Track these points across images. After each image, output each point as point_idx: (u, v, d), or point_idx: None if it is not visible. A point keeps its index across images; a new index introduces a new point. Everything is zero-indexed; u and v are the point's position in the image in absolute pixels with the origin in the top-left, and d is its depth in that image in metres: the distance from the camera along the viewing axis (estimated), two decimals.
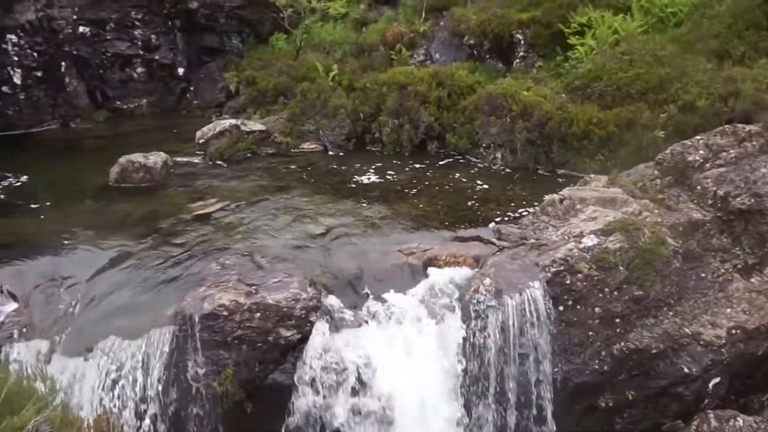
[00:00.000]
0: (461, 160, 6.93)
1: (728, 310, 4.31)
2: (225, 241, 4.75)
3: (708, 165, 4.87)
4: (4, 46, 8.18)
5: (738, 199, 4.58)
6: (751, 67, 5.97)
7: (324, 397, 3.88)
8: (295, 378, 3.91)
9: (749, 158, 4.81)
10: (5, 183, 6.24)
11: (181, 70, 9.52)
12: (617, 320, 4.30)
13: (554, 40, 7.69)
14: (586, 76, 6.72)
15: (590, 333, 4.29)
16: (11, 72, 8.32)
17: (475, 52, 8.40)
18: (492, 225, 4.96)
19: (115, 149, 6.89)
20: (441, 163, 6.85)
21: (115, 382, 3.68)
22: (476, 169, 6.65)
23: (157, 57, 9.26)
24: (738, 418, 4.07)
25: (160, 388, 3.73)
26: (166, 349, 3.76)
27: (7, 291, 4.10)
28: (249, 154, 7.02)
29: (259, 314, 3.88)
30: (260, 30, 9.78)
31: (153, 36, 9.16)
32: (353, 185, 6.16)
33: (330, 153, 7.21)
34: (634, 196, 4.85)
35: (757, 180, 4.58)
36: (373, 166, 6.66)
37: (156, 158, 6.29)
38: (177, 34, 9.41)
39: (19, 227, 5.17)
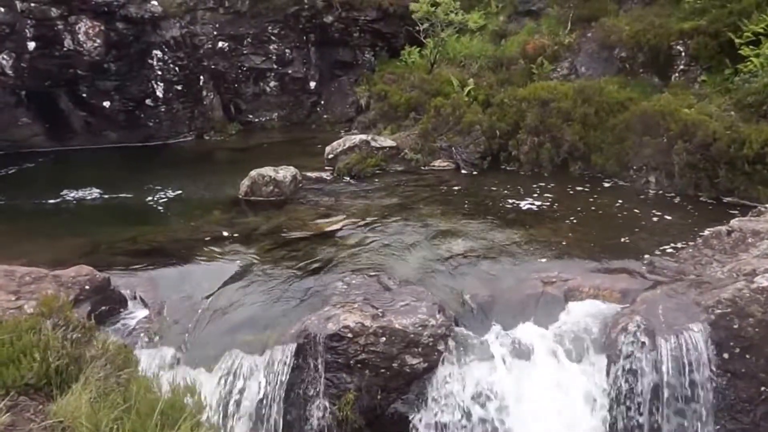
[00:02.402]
0: (608, 184, 6.88)
1: None
2: (351, 260, 5.04)
3: None
4: (150, 61, 9.55)
5: None
6: None
7: None
8: (419, 411, 4.02)
9: None
10: (150, 194, 7.12)
11: (312, 84, 10.43)
12: None
13: (722, 51, 7.44)
14: (761, 92, 6.43)
15: (762, 388, 4.07)
16: (155, 86, 9.66)
17: (627, 66, 8.32)
18: (646, 257, 4.87)
19: (245, 162, 7.66)
20: (585, 185, 6.85)
21: (235, 396, 3.93)
22: (625, 193, 6.56)
23: (289, 71, 10.26)
24: None
25: (279, 407, 3.93)
26: (288, 368, 3.97)
27: (140, 297, 4.57)
28: (378, 171, 7.47)
29: (384, 338, 4.03)
30: (394, 44, 10.44)
31: (287, 50, 10.16)
32: (487, 206, 6.34)
33: (463, 171, 7.47)
34: None
35: None
36: (509, 187, 6.82)
37: (285, 172, 6.90)
38: (311, 49, 10.37)
39: (153, 235, 5.82)
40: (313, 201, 6.71)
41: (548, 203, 6.32)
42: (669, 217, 5.86)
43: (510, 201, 6.46)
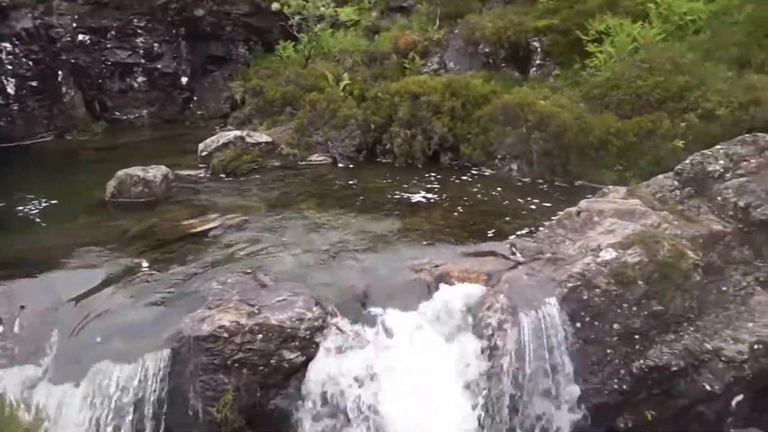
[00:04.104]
0: (475, 172, 7.26)
1: (750, 324, 4.55)
2: (227, 259, 4.95)
3: (728, 175, 5.15)
4: None
5: (759, 209, 4.85)
6: None
7: (329, 423, 4.01)
8: (299, 403, 4.06)
9: None
10: (4, 199, 6.53)
11: (184, 80, 10.01)
12: (636, 337, 4.51)
13: (572, 48, 8.08)
14: (604, 85, 7.07)
15: (608, 350, 4.50)
16: (5, 82, 8.80)
17: (491, 61, 8.79)
18: (509, 240, 5.19)
19: (113, 162, 7.24)
20: (454, 175, 7.18)
21: (106, 408, 3.74)
22: (491, 181, 6.96)
23: (159, 66, 9.76)
24: None
25: (155, 414, 3.81)
26: (162, 373, 3.85)
27: None
28: (254, 167, 7.36)
29: (261, 335, 4.02)
30: (268, 38, 10.28)
31: (156, 44, 9.66)
32: (363, 198, 6.45)
33: (339, 165, 7.55)
34: (654, 207, 5.12)
35: None
36: (385, 179, 6.99)
37: (156, 172, 6.58)
38: (181, 43, 9.93)
39: (10, 244, 5.39)
40: (186, 200, 6.48)
41: (421, 193, 6.56)
42: (529, 201, 6.30)
43: (385, 192, 6.62)
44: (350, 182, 6.99)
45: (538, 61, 8.45)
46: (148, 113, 9.79)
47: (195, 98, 10.11)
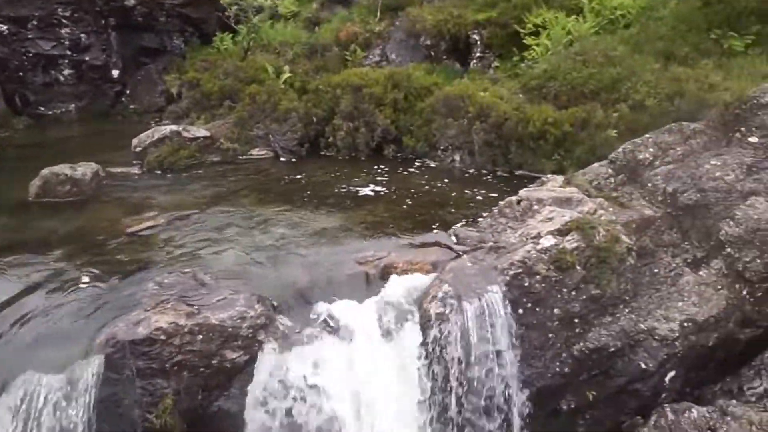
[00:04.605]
0: (419, 164, 7.31)
1: (680, 304, 4.80)
2: (164, 258, 4.79)
3: (657, 162, 5.41)
4: None
5: (685, 194, 5.12)
6: (694, 68, 6.73)
7: (275, 422, 3.96)
8: (243, 403, 3.98)
9: (695, 155, 5.39)
10: None
11: (115, 73, 9.63)
12: (576, 320, 4.68)
13: (511, 40, 8.28)
14: (541, 77, 7.26)
15: (550, 335, 4.64)
16: None
17: (432, 53, 8.87)
18: (453, 229, 5.25)
19: (37, 160, 6.82)
20: (398, 166, 7.21)
21: (33, 422, 3.55)
22: (435, 172, 7.03)
23: (87, 58, 9.35)
24: (692, 410, 4.53)
25: (87, 426, 3.64)
26: (94, 382, 3.69)
27: None
28: (192, 163, 7.15)
29: (201, 336, 3.92)
30: (205, 30, 10.01)
31: (83, 35, 9.24)
32: (306, 192, 6.37)
33: (281, 159, 7.44)
34: (590, 195, 5.31)
35: (702, 176, 5.14)
36: (328, 172, 6.93)
37: (85, 169, 6.29)
38: (111, 34, 9.54)
39: None
40: (119, 199, 6.22)
41: (365, 185, 6.55)
42: (472, 191, 6.40)
43: (329, 186, 6.57)
44: (293, 176, 6.90)
45: (478, 54, 8.60)
46: (76, 108, 9.35)
47: (128, 92, 9.72)
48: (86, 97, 9.44)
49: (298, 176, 6.89)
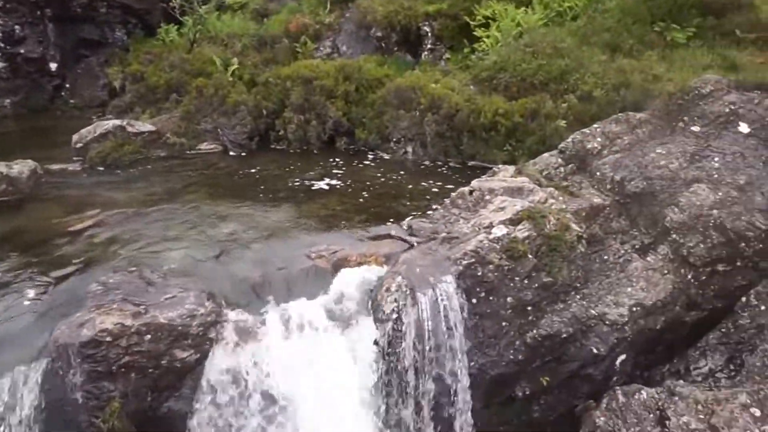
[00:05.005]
0: (372, 156, 7.29)
1: (629, 289, 4.93)
2: (108, 258, 4.63)
3: (605, 152, 5.54)
4: None
5: (632, 183, 5.26)
6: (639, 59, 6.93)
7: (227, 421, 3.91)
8: (194, 403, 3.91)
9: (641, 144, 5.55)
10: None
11: (53, 66, 9.24)
12: (529, 308, 4.75)
13: (461, 32, 8.32)
14: (492, 68, 7.32)
15: (504, 323, 4.71)
16: None
17: (383, 45, 8.85)
18: (406, 221, 5.25)
19: None
20: (351, 159, 7.16)
21: None
22: (388, 164, 7.01)
23: (22, 50, 8.93)
24: (642, 391, 4.67)
25: None
26: (37, 388, 3.58)
27: None
28: (138, 158, 6.95)
29: (149, 336, 3.84)
30: (148, 21, 9.73)
31: (17, 27, 8.82)
32: (258, 187, 6.26)
33: (231, 153, 7.30)
34: (540, 184, 5.39)
35: (648, 164, 5.30)
36: (280, 166, 6.82)
37: (21, 167, 6.03)
38: (48, 25, 9.12)
39: None
40: (60, 197, 5.96)
41: (318, 179, 6.47)
42: (426, 183, 6.41)
43: (280, 180, 6.47)
44: (243, 171, 6.77)
45: (429, 45, 8.62)
46: (11, 103, 8.90)
47: (67, 86, 9.33)
48: (22, 92, 8.99)
49: (249, 170, 6.77)
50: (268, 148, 7.45)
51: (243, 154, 7.31)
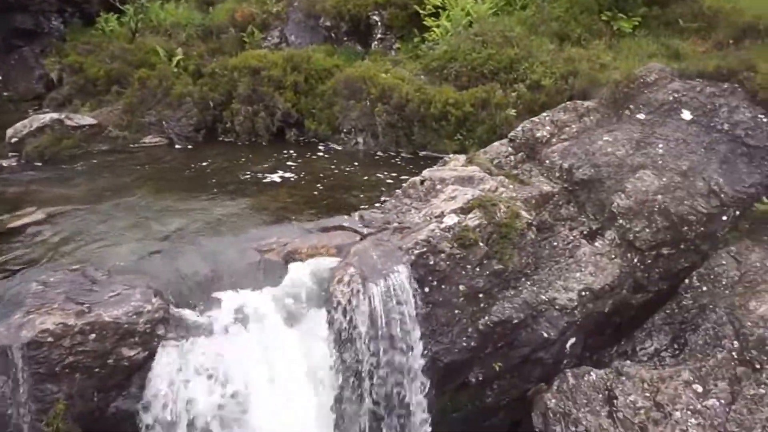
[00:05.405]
0: (322, 147, 7.24)
1: (578, 274, 5.05)
2: (48, 256, 4.50)
3: (554, 140, 5.64)
4: None
5: (580, 170, 5.38)
6: (587, 48, 7.09)
7: (175, 419, 3.84)
8: (142, 402, 3.85)
9: (588, 132, 5.67)
10: None
11: None
12: (480, 295, 4.81)
13: (411, 21, 8.32)
14: (442, 58, 7.36)
15: (456, 311, 4.76)
16: None
17: (333, 35, 8.77)
18: (357, 212, 5.24)
19: None
20: (301, 151, 7.08)
21: None
22: (340, 155, 6.98)
23: None
24: (591, 373, 4.81)
25: None
26: None
27: None
28: (78, 153, 6.73)
29: (94, 335, 3.76)
30: (87, 10, 9.42)
31: None
32: (205, 180, 6.14)
33: (177, 146, 7.14)
34: (491, 173, 5.45)
35: (595, 152, 5.42)
36: (227, 158, 6.71)
37: None
38: None
39: None
40: None
41: (270, 171, 6.38)
42: (377, 173, 6.40)
43: (228, 173, 6.34)
44: (189, 164, 6.61)
45: (379, 35, 8.59)
46: None
47: (1, 78, 8.93)
48: None
49: (197, 164, 6.61)
50: (216, 141, 7.31)
51: (189, 147, 7.15)
